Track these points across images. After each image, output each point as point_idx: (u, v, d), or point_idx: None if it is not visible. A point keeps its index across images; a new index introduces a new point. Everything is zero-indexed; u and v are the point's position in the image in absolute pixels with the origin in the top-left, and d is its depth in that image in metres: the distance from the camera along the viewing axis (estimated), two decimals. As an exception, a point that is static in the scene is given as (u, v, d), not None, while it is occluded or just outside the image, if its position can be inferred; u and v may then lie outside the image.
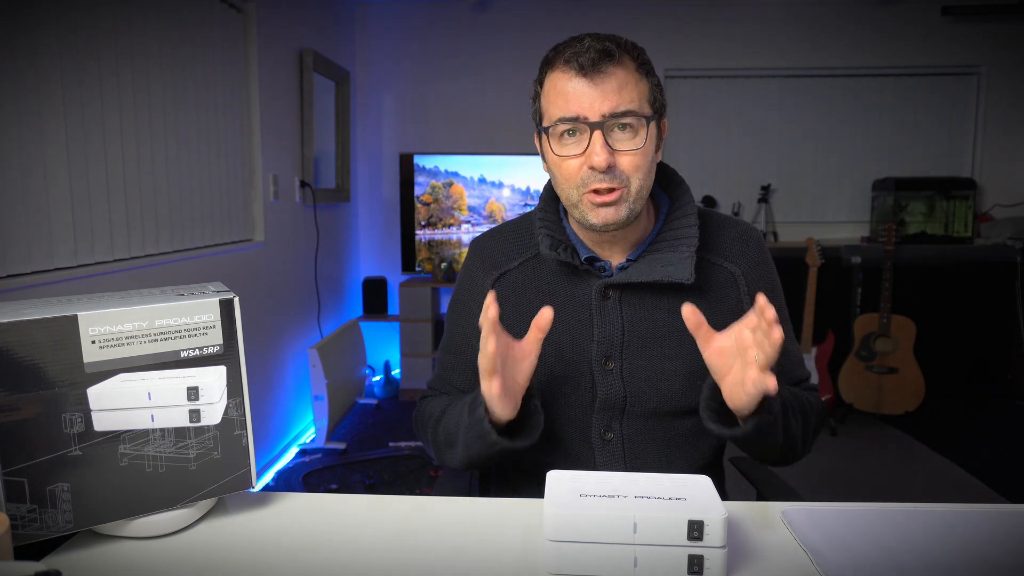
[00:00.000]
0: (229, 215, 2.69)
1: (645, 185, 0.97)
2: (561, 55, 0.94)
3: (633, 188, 0.95)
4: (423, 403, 1.17)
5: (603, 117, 0.92)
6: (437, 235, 3.99)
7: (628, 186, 0.95)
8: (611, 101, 0.92)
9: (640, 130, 0.94)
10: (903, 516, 0.83)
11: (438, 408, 1.09)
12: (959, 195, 3.83)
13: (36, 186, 1.67)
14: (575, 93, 0.93)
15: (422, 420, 1.14)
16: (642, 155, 0.95)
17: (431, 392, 1.19)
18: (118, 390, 0.74)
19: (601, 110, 0.92)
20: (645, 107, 0.95)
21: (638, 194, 0.96)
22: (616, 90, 0.92)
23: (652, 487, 0.75)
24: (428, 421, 1.11)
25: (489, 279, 1.10)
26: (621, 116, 0.93)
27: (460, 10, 4.12)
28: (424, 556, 0.75)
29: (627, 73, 0.93)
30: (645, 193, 0.98)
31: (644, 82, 0.96)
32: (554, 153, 0.97)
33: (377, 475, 2.89)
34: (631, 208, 0.96)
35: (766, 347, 0.78)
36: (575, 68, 0.92)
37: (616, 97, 0.92)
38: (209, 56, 2.50)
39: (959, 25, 4.00)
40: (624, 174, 0.94)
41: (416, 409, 1.18)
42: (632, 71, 0.94)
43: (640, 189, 0.96)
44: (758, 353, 0.79)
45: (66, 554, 0.75)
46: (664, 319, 1.02)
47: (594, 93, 0.92)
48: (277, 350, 3.09)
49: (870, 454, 3.14)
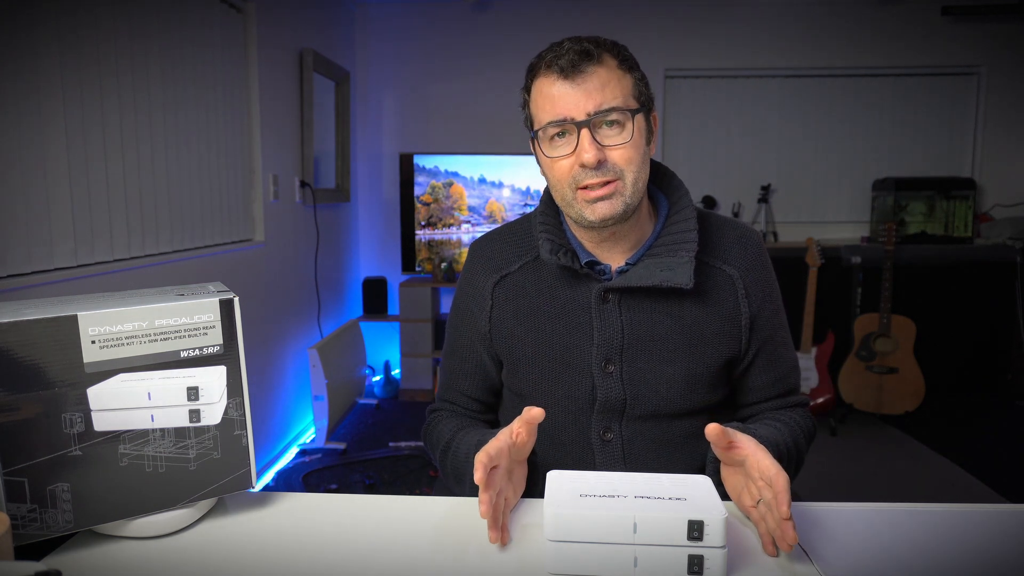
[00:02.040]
0: (229, 215, 2.69)
1: (640, 178, 0.97)
2: (543, 61, 0.97)
3: (628, 181, 0.96)
4: (433, 418, 1.17)
5: (588, 115, 0.93)
6: (437, 235, 3.99)
7: (622, 179, 0.96)
8: (595, 99, 0.93)
9: (627, 124, 0.95)
10: (903, 516, 0.83)
11: (447, 433, 1.09)
12: (959, 195, 3.83)
13: (36, 186, 1.67)
14: (559, 95, 0.95)
15: (431, 439, 1.14)
16: (632, 147, 0.95)
17: (440, 405, 1.18)
18: (118, 390, 0.74)
19: (586, 109, 0.93)
20: (630, 102, 0.96)
21: (633, 187, 0.97)
22: (599, 88, 0.94)
23: (652, 487, 0.75)
24: (437, 444, 1.10)
25: (490, 282, 1.10)
26: (607, 113, 0.94)
27: (460, 10, 4.12)
28: (424, 556, 0.75)
29: (608, 71, 0.95)
30: (641, 186, 0.98)
31: (627, 77, 0.97)
32: (546, 155, 0.99)
33: (377, 475, 2.89)
34: (627, 202, 0.97)
35: (772, 518, 0.75)
36: (556, 71, 0.94)
37: (599, 95, 0.93)
38: (209, 56, 2.50)
39: (959, 25, 4.00)
40: (617, 167, 0.95)
41: (426, 423, 1.18)
42: (614, 68, 0.95)
43: (635, 181, 0.97)
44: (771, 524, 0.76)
45: (66, 554, 0.75)
46: (663, 322, 1.02)
47: (577, 93, 0.94)
48: (277, 350, 3.09)
49: (870, 454, 3.14)
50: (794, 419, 1.07)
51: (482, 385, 1.15)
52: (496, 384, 1.15)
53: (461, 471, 1.01)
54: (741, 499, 0.83)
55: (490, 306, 1.09)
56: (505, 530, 0.79)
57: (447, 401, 1.17)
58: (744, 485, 0.82)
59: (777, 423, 1.04)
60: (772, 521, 0.75)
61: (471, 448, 0.99)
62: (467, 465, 0.98)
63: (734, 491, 0.86)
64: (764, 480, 0.77)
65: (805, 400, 1.13)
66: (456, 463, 1.03)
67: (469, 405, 1.15)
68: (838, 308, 3.69)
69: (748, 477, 0.81)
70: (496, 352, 1.10)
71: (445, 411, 1.16)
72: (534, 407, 0.84)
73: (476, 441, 0.99)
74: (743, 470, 0.82)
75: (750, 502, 0.80)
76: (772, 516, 0.74)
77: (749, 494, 0.81)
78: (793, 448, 1.01)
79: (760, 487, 0.78)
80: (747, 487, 0.82)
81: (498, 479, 0.81)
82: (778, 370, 1.09)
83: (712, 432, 0.79)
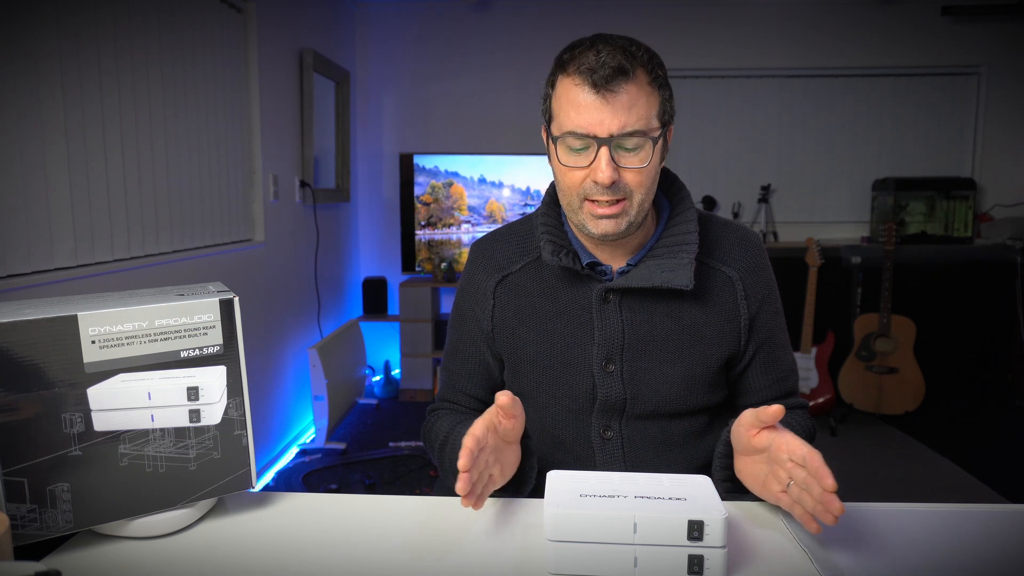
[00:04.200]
0: (229, 215, 2.69)
1: (647, 199, 0.98)
2: (575, 62, 0.94)
3: (635, 202, 0.97)
4: (431, 417, 1.16)
5: (611, 135, 0.93)
6: (437, 235, 3.99)
7: (630, 199, 0.96)
8: (620, 119, 0.92)
9: (646, 147, 0.95)
10: (903, 516, 0.83)
11: (443, 429, 1.08)
12: (959, 195, 3.83)
13: (36, 186, 1.67)
14: (586, 107, 0.93)
15: (429, 438, 1.13)
16: (646, 173, 0.96)
17: (440, 405, 1.18)
18: (118, 390, 0.74)
19: (610, 128, 0.92)
20: (654, 123, 0.95)
21: (639, 207, 0.97)
22: (626, 108, 0.92)
23: (652, 487, 0.75)
24: (435, 441, 1.10)
25: (492, 282, 1.10)
26: (628, 136, 0.93)
27: (460, 10, 4.12)
28: (424, 556, 0.75)
29: (639, 88, 0.93)
30: (646, 206, 0.99)
31: (655, 95, 0.96)
32: (560, 162, 0.98)
33: (377, 475, 2.89)
34: (631, 221, 0.98)
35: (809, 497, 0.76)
36: (588, 83, 0.92)
37: (625, 115, 0.92)
38: (209, 56, 2.50)
39: (959, 25, 4.00)
40: (627, 188, 0.96)
41: (425, 422, 1.17)
42: (644, 85, 0.94)
43: (642, 203, 0.97)
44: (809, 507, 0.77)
45: (66, 554, 0.75)
46: (664, 323, 1.03)
47: (604, 110, 0.92)
48: (277, 350, 3.09)
49: (870, 454, 3.14)
50: (795, 420, 1.07)
51: (485, 384, 1.15)
52: (498, 383, 1.15)
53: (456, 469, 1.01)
54: (767, 486, 0.82)
55: (492, 306, 1.09)
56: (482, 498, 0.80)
57: (448, 401, 1.17)
58: (768, 472, 0.82)
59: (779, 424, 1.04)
60: (810, 500, 0.75)
61: None
62: None
63: (756, 479, 0.85)
64: (795, 460, 0.77)
65: (804, 403, 1.13)
66: (454, 455, 1.02)
67: (471, 405, 1.15)
68: (838, 308, 3.69)
69: (773, 462, 0.81)
70: (498, 351, 1.11)
71: (445, 410, 1.16)
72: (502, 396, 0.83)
73: None
74: (765, 457, 0.82)
75: (778, 487, 0.80)
76: (809, 495, 0.75)
77: (776, 479, 0.81)
78: None
79: (790, 468, 0.78)
80: (772, 473, 0.81)
81: (481, 460, 0.81)
82: (777, 372, 1.09)
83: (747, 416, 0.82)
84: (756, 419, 0.82)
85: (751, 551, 0.76)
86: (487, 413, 0.85)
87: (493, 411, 0.85)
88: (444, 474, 1.08)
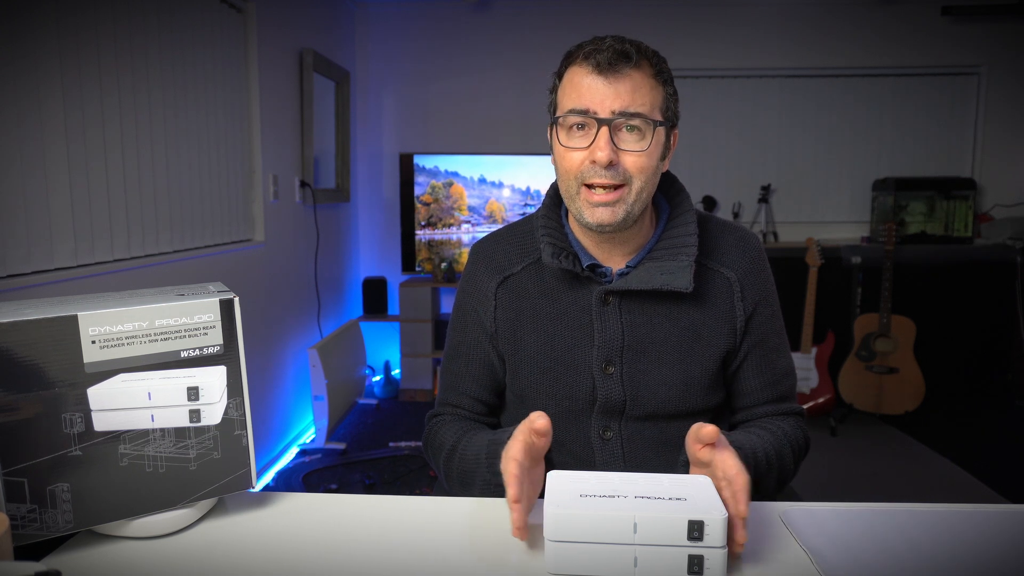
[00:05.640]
0: (229, 215, 2.69)
1: (647, 188, 0.97)
2: (581, 50, 0.96)
3: (634, 188, 0.96)
4: (433, 425, 1.13)
5: (612, 114, 0.93)
6: (437, 235, 3.99)
7: (629, 185, 0.96)
8: (623, 100, 0.93)
9: (647, 133, 0.95)
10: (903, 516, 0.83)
11: (449, 439, 1.06)
12: (959, 195, 3.83)
13: (36, 186, 1.67)
14: (589, 88, 0.94)
15: (432, 447, 1.11)
16: (646, 157, 0.95)
17: (441, 410, 1.15)
18: (118, 390, 0.74)
19: (611, 107, 0.93)
20: (656, 113, 0.96)
21: (638, 196, 0.97)
22: (629, 91, 0.93)
23: (652, 487, 0.75)
24: (440, 451, 1.07)
25: (493, 283, 1.10)
26: (630, 117, 0.94)
27: (460, 10, 4.12)
28: (424, 556, 0.75)
29: (643, 77, 0.95)
30: (645, 197, 0.98)
31: (659, 89, 0.97)
32: (560, 144, 0.98)
33: (377, 475, 2.89)
34: (628, 210, 0.97)
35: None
36: (592, 65, 0.94)
37: (628, 97, 0.93)
38: (209, 56, 2.50)
39: (959, 25, 4.00)
40: (627, 173, 0.95)
41: (426, 430, 1.15)
42: (648, 76, 0.95)
43: (641, 191, 0.97)
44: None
45: (66, 554, 0.75)
46: (663, 325, 1.03)
47: (607, 90, 0.93)
48: (277, 350, 3.09)
49: (870, 454, 3.14)
50: (783, 428, 1.05)
51: (488, 385, 1.13)
52: (501, 384, 1.14)
53: (470, 473, 0.99)
54: None
55: (494, 307, 1.09)
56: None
57: (449, 405, 1.14)
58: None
59: (762, 431, 1.02)
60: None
61: (480, 449, 0.97)
62: (476, 466, 0.97)
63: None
64: (726, 479, 0.77)
65: (800, 410, 1.11)
66: (464, 465, 1.00)
67: (474, 407, 1.13)
68: (838, 308, 3.69)
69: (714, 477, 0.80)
70: (500, 351, 1.10)
71: (447, 415, 1.13)
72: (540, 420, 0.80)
73: (487, 441, 0.97)
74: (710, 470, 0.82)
75: None
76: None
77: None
78: (774, 457, 0.99)
79: (722, 486, 0.77)
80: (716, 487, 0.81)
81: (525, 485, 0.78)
82: (771, 374, 1.08)
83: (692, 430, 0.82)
84: (695, 436, 0.81)
85: (751, 551, 0.76)
86: (519, 433, 0.82)
87: (526, 431, 0.81)
88: (449, 481, 1.05)
